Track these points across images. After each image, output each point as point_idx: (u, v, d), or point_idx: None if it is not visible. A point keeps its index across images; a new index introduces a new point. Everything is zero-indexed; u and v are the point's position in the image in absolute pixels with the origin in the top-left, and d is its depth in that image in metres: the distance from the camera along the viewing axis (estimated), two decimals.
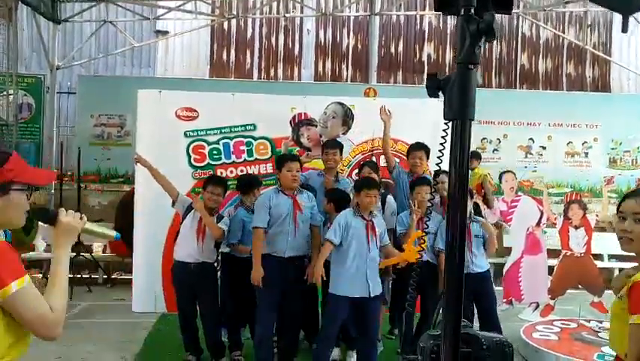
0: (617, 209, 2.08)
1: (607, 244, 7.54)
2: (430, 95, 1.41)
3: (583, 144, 9.53)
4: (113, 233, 2.14)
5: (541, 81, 10.71)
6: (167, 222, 6.04)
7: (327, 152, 5.38)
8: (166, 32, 10.30)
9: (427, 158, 5.48)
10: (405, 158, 5.91)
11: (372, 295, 4.30)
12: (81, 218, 1.95)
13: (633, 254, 2.05)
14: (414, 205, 4.89)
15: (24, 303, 1.69)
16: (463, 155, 1.31)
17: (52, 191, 8.85)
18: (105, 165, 9.18)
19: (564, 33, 10.54)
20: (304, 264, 4.60)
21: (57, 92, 9.75)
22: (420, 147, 5.46)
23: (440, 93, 1.39)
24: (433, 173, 5.38)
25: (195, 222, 4.71)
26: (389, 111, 5.72)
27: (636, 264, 2.05)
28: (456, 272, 1.31)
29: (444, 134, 1.39)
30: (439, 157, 1.61)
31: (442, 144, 1.49)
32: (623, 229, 2.01)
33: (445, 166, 1.47)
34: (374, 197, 4.40)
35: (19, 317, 1.70)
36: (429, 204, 3.40)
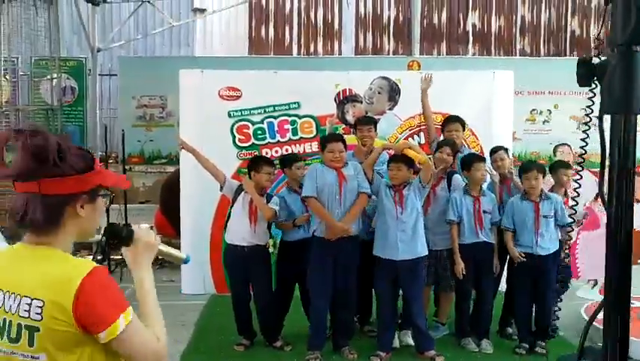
0: None
1: None
2: (581, 84, 1.20)
3: None
4: (184, 255, 1.89)
5: (593, 47, 10.24)
6: (214, 203, 6.01)
7: (361, 128, 5.05)
8: (204, 10, 10.20)
9: (463, 130, 5.24)
10: None
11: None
12: (156, 238, 1.70)
13: None
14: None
15: (135, 339, 1.45)
16: (627, 153, 1.09)
17: None
18: (148, 146, 9.21)
19: None
20: (357, 240, 4.48)
21: (98, 75, 9.76)
22: (455, 120, 5.21)
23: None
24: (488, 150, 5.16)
25: (246, 204, 4.63)
26: (430, 77, 5.41)
27: None
28: (619, 293, 1.11)
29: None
30: (582, 147, 1.38)
31: (584, 131, 1.30)
32: None
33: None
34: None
35: (128, 353, 1.46)
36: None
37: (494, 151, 5.09)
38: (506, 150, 5.19)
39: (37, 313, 1.38)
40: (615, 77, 1.08)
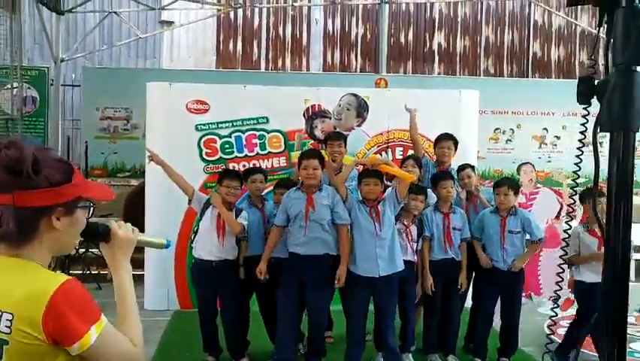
0: None
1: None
2: (581, 102, 1.22)
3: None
4: (164, 241, 1.81)
5: (553, 70, 10.53)
6: (179, 218, 5.93)
7: (331, 144, 5.06)
8: (171, 23, 10.12)
9: (455, 149, 5.31)
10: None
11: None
12: (133, 230, 1.65)
13: None
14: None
15: (108, 350, 1.41)
16: (626, 171, 1.11)
17: None
18: (112, 158, 9.02)
19: (577, 20, 10.34)
20: (325, 262, 4.43)
21: (61, 85, 9.56)
22: (448, 137, 5.29)
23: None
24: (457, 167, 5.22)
25: (214, 218, 4.55)
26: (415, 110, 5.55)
27: None
28: (617, 311, 1.11)
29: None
30: (576, 164, 1.39)
31: (579, 148, 1.31)
32: None
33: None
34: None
35: None
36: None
37: (462, 168, 5.16)
38: (473, 167, 5.27)
39: (7, 327, 1.33)
40: (615, 96, 1.11)
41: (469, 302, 5.17)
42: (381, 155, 6.43)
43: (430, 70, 10.32)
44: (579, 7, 10.48)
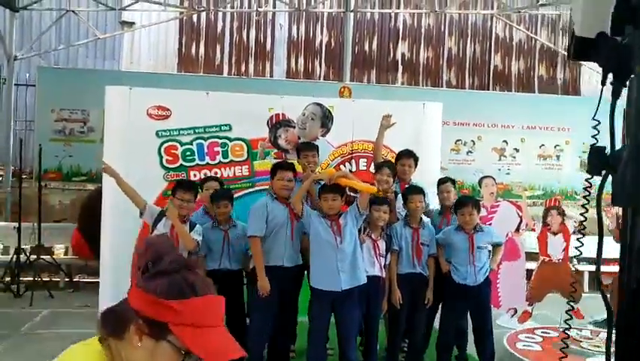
0: None
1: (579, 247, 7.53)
2: (591, 173, 1.15)
3: (555, 146, 9.57)
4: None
5: (513, 83, 10.72)
6: (137, 225, 5.73)
7: (305, 154, 5.12)
8: (132, 24, 9.88)
9: (415, 166, 5.31)
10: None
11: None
12: None
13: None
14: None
15: None
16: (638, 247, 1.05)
17: (9, 189, 8.37)
18: (67, 162, 8.72)
19: (537, 35, 10.56)
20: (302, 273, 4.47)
21: (15, 84, 9.23)
22: (410, 155, 5.31)
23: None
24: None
25: (167, 230, 4.38)
26: (390, 117, 5.52)
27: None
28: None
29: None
30: (583, 207, 1.35)
31: (585, 188, 1.25)
32: None
33: None
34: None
35: None
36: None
37: (442, 182, 5.15)
38: (454, 181, 5.25)
39: None
40: (627, 171, 1.05)
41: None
42: (344, 165, 6.39)
43: (394, 79, 10.37)
44: (539, 23, 10.73)
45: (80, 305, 6.95)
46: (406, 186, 5.09)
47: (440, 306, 4.95)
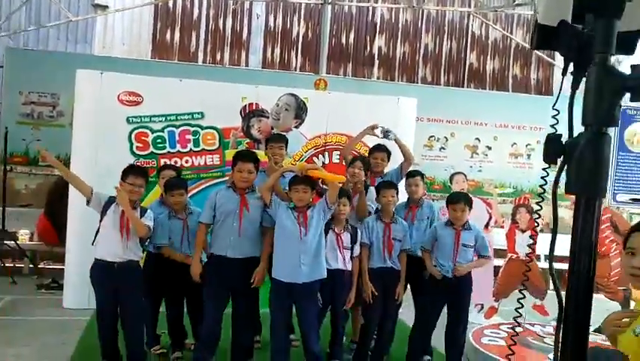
0: (625, 244, 1.92)
1: (545, 244, 7.66)
2: (546, 161, 1.14)
3: (526, 145, 9.69)
4: None
5: (488, 81, 10.79)
6: None
7: (272, 146, 5.04)
8: (105, 7, 9.67)
9: (388, 160, 5.32)
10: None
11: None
12: None
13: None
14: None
15: None
16: (590, 237, 1.05)
17: None
18: (34, 146, 8.52)
19: (512, 34, 10.65)
20: (253, 266, 4.35)
21: None
22: (383, 150, 5.32)
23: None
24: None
25: (117, 217, 4.25)
26: (376, 126, 5.52)
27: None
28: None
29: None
30: (540, 195, 1.34)
31: (541, 187, 1.24)
32: (634, 266, 1.85)
33: None
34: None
35: None
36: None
37: (411, 175, 5.14)
38: (422, 175, 5.25)
39: None
40: (584, 160, 1.06)
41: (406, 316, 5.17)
42: (317, 157, 6.39)
43: (370, 73, 10.36)
44: (515, 22, 10.82)
45: (45, 292, 6.83)
46: (378, 179, 5.09)
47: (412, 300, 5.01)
